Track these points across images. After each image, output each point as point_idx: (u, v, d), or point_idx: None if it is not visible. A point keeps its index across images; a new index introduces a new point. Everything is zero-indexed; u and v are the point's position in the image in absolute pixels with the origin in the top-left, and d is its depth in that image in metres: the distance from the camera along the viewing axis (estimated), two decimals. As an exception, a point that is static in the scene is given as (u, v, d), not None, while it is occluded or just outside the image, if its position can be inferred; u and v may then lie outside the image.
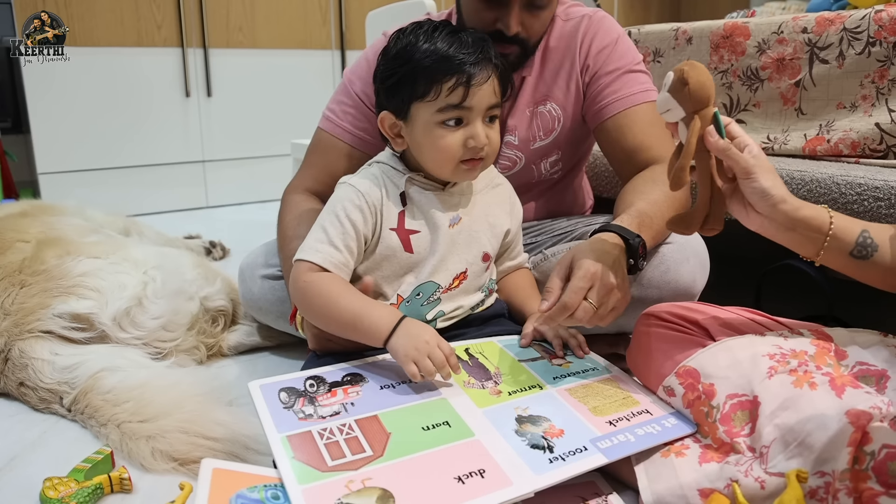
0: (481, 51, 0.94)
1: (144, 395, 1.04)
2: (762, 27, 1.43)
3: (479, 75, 0.92)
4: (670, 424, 0.85)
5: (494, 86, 0.95)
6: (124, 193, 2.82)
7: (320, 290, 0.93)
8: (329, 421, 0.81)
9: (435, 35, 0.94)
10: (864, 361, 0.85)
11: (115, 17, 2.68)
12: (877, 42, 1.25)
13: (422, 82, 0.93)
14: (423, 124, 0.95)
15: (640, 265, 0.98)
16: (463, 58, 0.92)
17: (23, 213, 1.51)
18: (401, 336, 0.88)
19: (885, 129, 1.23)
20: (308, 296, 0.94)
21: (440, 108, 0.93)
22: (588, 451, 0.78)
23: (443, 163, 0.96)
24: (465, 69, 0.91)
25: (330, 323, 0.94)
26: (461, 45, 0.93)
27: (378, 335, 0.89)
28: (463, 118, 0.94)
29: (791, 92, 1.39)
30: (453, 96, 0.92)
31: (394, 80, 0.96)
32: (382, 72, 0.98)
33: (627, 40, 1.23)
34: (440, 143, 0.94)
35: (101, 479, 0.88)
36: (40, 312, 1.16)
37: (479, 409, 0.84)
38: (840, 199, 1.15)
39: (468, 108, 0.93)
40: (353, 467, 0.73)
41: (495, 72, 0.95)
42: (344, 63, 3.24)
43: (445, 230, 0.99)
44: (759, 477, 0.72)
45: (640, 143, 1.17)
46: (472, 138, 0.94)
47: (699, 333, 0.91)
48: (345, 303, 0.91)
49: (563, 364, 0.97)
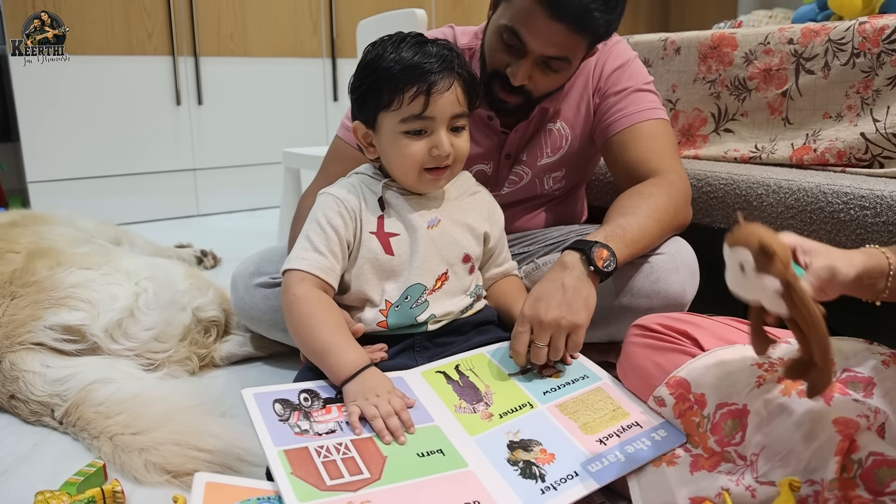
0: (444, 60, 0.94)
1: (137, 407, 1.04)
2: (749, 38, 1.45)
3: (439, 83, 0.93)
4: (660, 437, 0.86)
5: (458, 94, 0.95)
6: (115, 202, 2.81)
7: (303, 310, 0.93)
8: (325, 439, 0.80)
9: (401, 46, 0.95)
10: (851, 369, 0.86)
11: (106, 26, 2.68)
12: (861, 53, 1.27)
13: (385, 92, 0.94)
14: (389, 133, 0.96)
15: (603, 270, 0.99)
16: (425, 66, 0.92)
17: (13, 222, 1.51)
18: (358, 382, 0.87)
19: (870, 138, 1.25)
20: (291, 311, 0.95)
21: (403, 118, 0.94)
22: (579, 477, 0.80)
23: (407, 171, 0.97)
24: (426, 78, 0.92)
25: (302, 344, 0.95)
26: (424, 55, 0.94)
27: (339, 375, 0.89)
28: (426, 128, 0.95)
29: (778, 102, 1.41)
30: (414, 105, 0.93)
31: (361, 90, 0.98)
32: (353, 82, 1.00)
33: (638, 62, 1.26)
34: (404, 151, 0.95)
35: (93, 492, 0.88)
36: (31, 324, 1.15)
37: (471, 438, 0.85)
38: (827, 208, 1.16)
39: (430, 117, 0.94)
40: (351, 488, 0.73)
41: (458, 80, 0.95)
42: (335, 71, 3.25)
43: (424, 231, 1.00)
44: (750, 486, 0.73)
45: (640, 156, 1.18)
46: (436, 147, 0.95)
47: (688, 344, 0.92)
48: (320, 332, 0.92)
49: (554, 374, 0.97)
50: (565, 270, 0.99)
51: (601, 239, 1.02)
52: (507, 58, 1.09)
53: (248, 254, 1.36)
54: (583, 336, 0.96)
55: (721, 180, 1.33)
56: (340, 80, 3.28)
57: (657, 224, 1.08)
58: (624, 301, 1.13)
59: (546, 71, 1.09)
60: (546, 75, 1.10)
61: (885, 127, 1.23)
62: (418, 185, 0.99)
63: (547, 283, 0.98)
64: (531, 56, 1.06)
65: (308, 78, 3.21)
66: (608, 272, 1.00)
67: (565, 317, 0.94)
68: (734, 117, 1.49)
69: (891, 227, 1.08)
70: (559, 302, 0.95)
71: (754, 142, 1.45)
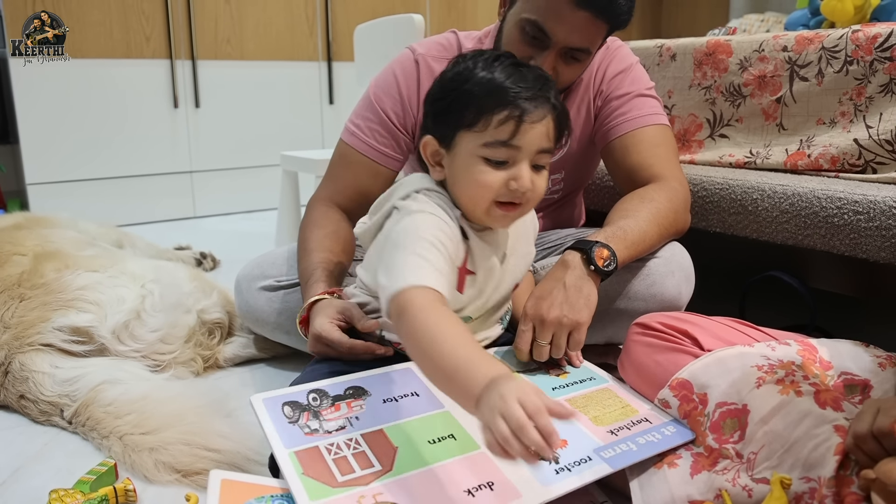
0: (541, 88, 0.87)
1: (146, 407, 1.05)
2: (744, 45, 1.48)
3: (533, 113, 0.85)
4: (670, 432, 0.87)
5: (550, 128, 0.88)
6: (113, 204, 2.82)
7: (427, 324, 0.75)
8: (335, 436, 0.81)
9: (495, 64, 0.88)
10: (848, 371, 0.89)
11: (104, 30, 2.69)
12: (854, 61, 1.30)
13: (471, 110, 0.86)
14: (466, 155, 0.88)
15: (603, 270, 1.00)
16: (519, 91, 0.85)
17: (17, 225, 1.52)
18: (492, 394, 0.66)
19: (863, 144, 1.28)
20: (416, 326, 0.76)
21: (486, 142, 0.86)
22: (592, 461, 0.80)
23: (478, 200, 0.89)
24: (519, 103, 0.84)
25: (425, 363, 0.76)
26: (520, 79, 0.86)
27: (471, 392, 0.68)
28: (509, 158, 0.86)
29: (772, 108, 1.44)
30: (502, 130, 0.85)
31: (443, 103, 0.90)
32: (434, 94, 0.93)
33: (640, 68, 1.28)
34: (479, 178, 0.87)
35: (106, 490, 0.90)
36: (40, 326, 1.17)
37: None
38: (821, 213, 1.19)
39: (516, 146, 0.85)
40: (363, 482, 0.74)
41: (552, 113, 0.88)
42: (331, 74, 3.27)
43: (495, 272, 0.97)
44: (747, 485, 0.75)
45: (642, 161, 1.20)
46: (515, 180, 0.86)
47: (689, 343, 0.94)
48: (453, 348, 0.71)
49: (561, 374, 0.99)
50: (567, 270, 1.00)
51: (602, 239, 1.04)
52: (530, 51, 1.08)
53: (246, 256, 1.38)
54: (584, 334, 0.98)
55: (716, 185, 1.35)
56: (336, 84, 3.30)
57: (657, 228, 1.11)
58: (620, 304, 1.15)
59: (569, 62, 1.10)
60: (569, 66, 1.11)
61: (877, 133, 1.26)
62: (486, 217, 0.91)
63: (548, 282, 1.00)
64: (555, 47, 1.07)
65: (304, 81, 3.22)
66: (609, 272, 1.02)
67: (567, 315, 0.96)
68: (729, 123, 1.52)
69: (883, 231, 1.11)
70: (561, 301, 0.97)
71: (749, 147, 1.48)
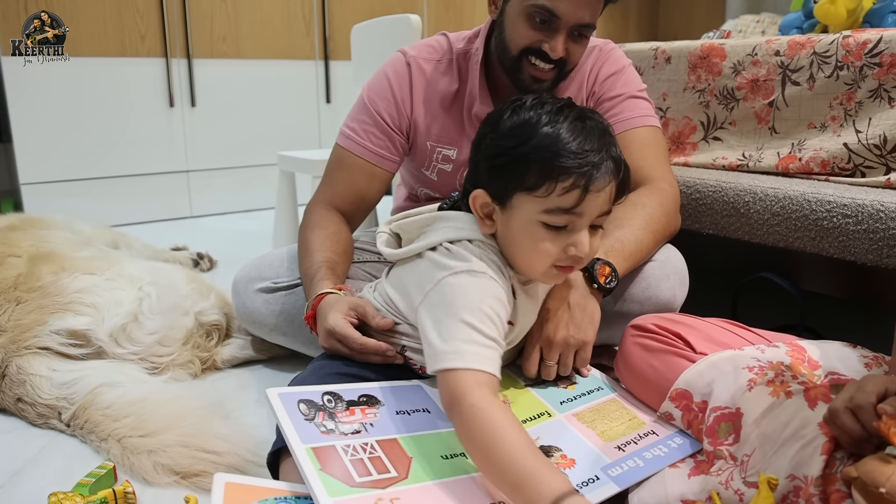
0: (607, 149, 0.83)
1: (144, 409, 1.06)
2: (737, 49, 1.49)
3: (599, 181, 0.82)
4: (676, 444, 0.89)
5: (611, 192, 0.85)
6: (108, 204, 2.82)
7: (485, 424, 0.75)
8: (351, 438, 0.81)
9: (559, 118, 0.83)
10: (836, 371, 0.90)
11: (99, 28, 2.68)
12: (844, 66, 1.31)
13: (534, 173, 0.82)
14: (525, 219, 0.85)
15: (606, 287, 1.03)
16: (587, 156, 0.81)
17: (11, 226, 1.52)
18: None
19: (853, 148, 1.30)
20: (473, 424, 0.76)
21: (548, 209, 0.82)
22: (601, 481, 0.82)
23: (536, 264, 0.87)
24: (585, 171, 0.81)
25: (487, 466, 0.76)
26: (587, 138, 0.82)
27: None
28: (569, 224, 0.84)
29: (765, 112, 1.45)
30: (567, 199, 0.81)
31: (502, 160, 0.85)
32: (490, 147, 0.87)
33: (633, 70, 1.30)
34: (539, 245, 0.84)
35: (105, 493, 0.90)
36: (37, 329, 1.17)
37: None
38: (811, 216, 1.20)
39: (579, 213, 0.83)
40: (380, 486, 0.74)
41: (615, 176, 0.84)
42: (328, 73, 3.27)
43: (532, 317, 0.98)
44: (738, 489, 0.77)
45: (633, 163, 1.20)
46: (575, 246, 0.84)
47: (681, 345, 0.96)
48: (515, 455, 0.72)
49: (569, 386, 1.00)
50: (569, 289, 1.01)
51: (601, 255, 1.05)
52: (541, 35, 1.13)
53: (244, 256, 1.38)
54: (590, 352, 1.00)
55: (710, 187, 1.37)
56: (333, 82, 3.30)
57: (651, 235, 1.13)
58: (616, 307, 1.16)
59: (577, 40, 1.15)
60: (577, 44, 1.16)
61: (866, 138, 1.28)
62: (542, 278, 0.90)
63: (553, 302, 1.00)
64: (564, 27, 1.11)
65: (301, 80, 3.22)
66: (610, 289, 1.03)
67: (574, 335, 0.98)
68: (723, 126, 1.54)
69: (871, 234, 1.13)
70: (567, 321, 0.98)
71: (742, 150, 1.49)
